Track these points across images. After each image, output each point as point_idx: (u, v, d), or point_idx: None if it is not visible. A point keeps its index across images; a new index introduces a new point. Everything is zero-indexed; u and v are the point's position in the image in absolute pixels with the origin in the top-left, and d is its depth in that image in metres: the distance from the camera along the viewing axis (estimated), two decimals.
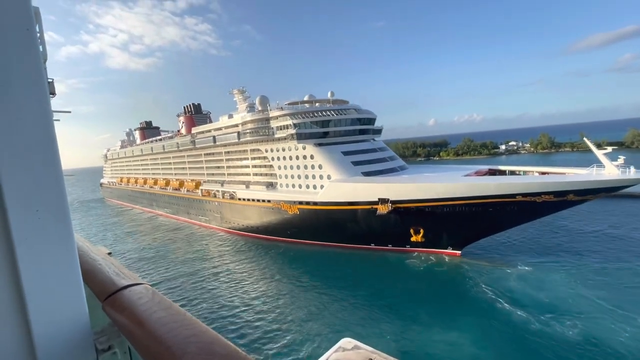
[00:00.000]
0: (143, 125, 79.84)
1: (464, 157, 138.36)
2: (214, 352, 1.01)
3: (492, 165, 34.47)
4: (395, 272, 27.79)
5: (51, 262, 1.36)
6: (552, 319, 19.40)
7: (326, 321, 20.82)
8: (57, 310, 1.38)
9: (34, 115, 1.26)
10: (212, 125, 49.18)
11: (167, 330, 1.15)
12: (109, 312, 1.45)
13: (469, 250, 30.25)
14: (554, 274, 24.93)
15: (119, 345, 1.51)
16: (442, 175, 31.24)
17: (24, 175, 1.27)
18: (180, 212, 54.59)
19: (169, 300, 1.39)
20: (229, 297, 24.87)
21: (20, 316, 1.31)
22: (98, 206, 79.62)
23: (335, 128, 35.26)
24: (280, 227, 37.15)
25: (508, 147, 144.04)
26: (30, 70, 1.23)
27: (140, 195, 69.10)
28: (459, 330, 18.96)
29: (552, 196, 24.21)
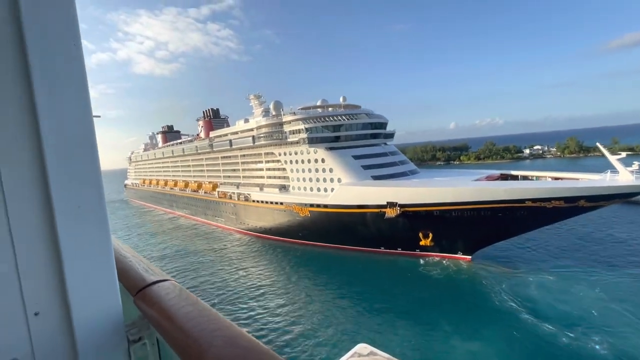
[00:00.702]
0: (165, 129, 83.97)
1: (485, 162, 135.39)
2: (238, 345, 1.07)
3: (506, 171, 34.32)
4: (409, 277, 28.00)
5: (90, 256, 1.45)
6: (579, 332, 18.41)
7: (341, 325, 20.87)
8: (94, 303, 1.47)
9: (79, 120, 1.37)
10: (228, 130, 51.46)
11: (194, 324, 1.22)
12: (140, 306, 1.54)
13: (482, 256, 30.22)
14: (577, 283, 23.99)
15: (149, 336, 1.60)
16: (452, 179, 31.52)
17: (68, 173, 1.37)
18: (198, 213, 57.13)
19: (195, 296, 1.48)
20: (244, 299, 25.88)
21: (63, 306, 1.40)
22: (123, 207, 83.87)
23: (346, 132, 36.30)
24: (292, 229, 38.43)
25: (532, 152, 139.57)
26: (76, 79, 1.35)
27: (161, 196, 72.67)
28: (481, 340, 18.42)
29: (562, 202, 24.12)
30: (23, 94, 1.27)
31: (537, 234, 33.49)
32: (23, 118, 1.27)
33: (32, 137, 1.30)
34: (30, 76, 1.26)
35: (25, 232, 1.32)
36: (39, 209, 1.33)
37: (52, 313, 1.39)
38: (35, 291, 1.35)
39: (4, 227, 1.27)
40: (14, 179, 1.28)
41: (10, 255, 1.29)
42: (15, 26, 1.24)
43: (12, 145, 1.27)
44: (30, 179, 1.30)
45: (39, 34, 1.27)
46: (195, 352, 1.10)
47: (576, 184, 24.15)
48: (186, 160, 63.21)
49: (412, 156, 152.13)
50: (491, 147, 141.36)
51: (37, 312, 1.36)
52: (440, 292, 24.64)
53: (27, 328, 1.35)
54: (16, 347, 1.32)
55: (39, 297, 1.36)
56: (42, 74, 1.28)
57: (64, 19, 1.31)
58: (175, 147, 67.15)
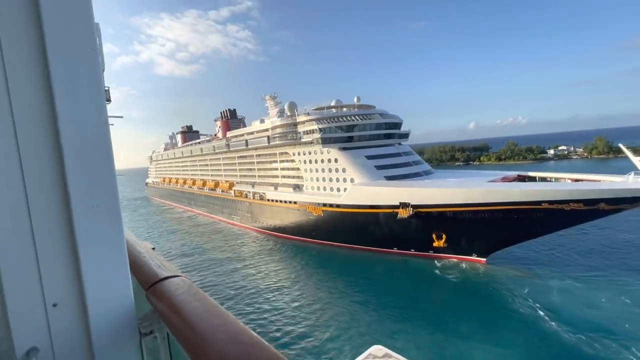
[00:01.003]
0: (184, 129, 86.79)
1: (507, 162, 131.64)
2: (240, 341, 1.10)
3: (524, 172, 33.62)
4: (424, 278, 27.87)
5: (105, 252, 1.53)
6: (607, 344, 17.42)
7: (355, 326, 20.70)
8: (108, 296, 1.54)
9: (94, 122, 1.45)
10: (245, 130, 52.76)
11: (199, 319, 1.26)
12: (151, 300, 1.59)
13: (498, 258, 29.74)
14: (603, 289, 22.92)
15: (159, 330, 1.66)
16: (466, 180, 31.23)
17: (85, 174, 1.45)
18: (215, 211, 58.84)
19: (203, 292, 1.53)
20: (257, 297, 26.31)
21: (79, 299, 1.48)
22: (144, 205, 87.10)
23: (359, 132, 36.58)
24: (305, 227, 39.07)
25: (557, 152, 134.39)
26: (93, 83, 1.43)
27: (180, 194, 75.21)
28: (501, 346, 17.79)
29: (581, 204, 23.50)
30: (45, 100, 1.36)
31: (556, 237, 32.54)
32: (45, 123, 1.37)
33: (53, 141, 1.38)
34: (51, 83, 1.35)
35: (45, 229, 1.41)
36: (58, 207, 1.42)
37: (70, 304, 1.47)
38: (53, 284, 1.43)
39: (26, 224, 1.36)
40: (36, 180, 1.37)
41: (32, 250, 1.38)
42: (38, 35, 1.32)
43: (35, 148, 1.36)
44: (51, 180, 1.40)
45: (60, 42, 1.35)
46: (199, 345, 1.14)
47: (596, 186, 23.47)
48: (204, 159, 65.20)
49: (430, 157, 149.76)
50: (513, 148, 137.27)
51: (55, 303, 1.44)
52: (457, 295, 24.27)
53: (46, 318, 1.43)
54: (36, 335, 1.41)
55: (57, 290, 1.44)
56: (62, 80, 1.37)
57: (82, 27, 1.40)
58: (193, 147, 69.39)
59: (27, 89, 1.32)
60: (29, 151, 1.34)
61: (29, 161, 1.35)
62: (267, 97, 49.72)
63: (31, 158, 1.35)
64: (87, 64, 1.42)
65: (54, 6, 1.32)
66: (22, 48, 1.30)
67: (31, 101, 1.34)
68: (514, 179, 31.74)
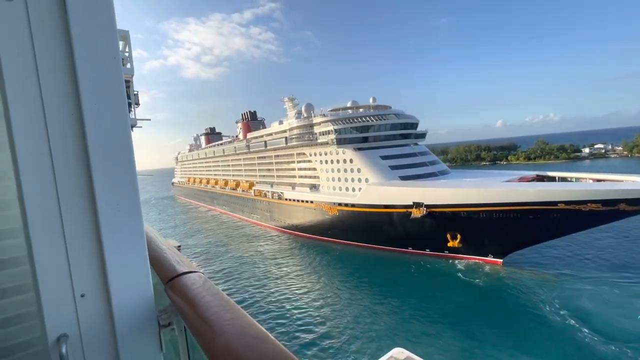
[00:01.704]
0: (208, 131, 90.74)
1: (537, 162, 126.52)
2: (246, 334, 1.18)
3: (543, 172, 33.04)
4: (441, 279, 27.91)
5: (127, 247, 1.66)
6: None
7: (375, 328, 20.77)
8: (130, 288, 1.67)
9: (117, 127, 1.59)
10: (264, 131, 54.78)
11: (211, 312, 1.36)
12: (169, 294, 1.70)
13: (515, 260, 29.48)
14: (634, 295, 22.08)
15: (177, 323, 1.76)
16: (481, 180, 31.22)
17: (109, 175, 1.58)
18: (236, 210, 61.40)
19: (217, 287, 1.62)
20: (276, 295, 26.72)
21: (104, 290, 1.61)
22: (171, 204, 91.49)
23: (374, 133, 37.30)
24: (321, 226, 40.27)
25: (593, 151, 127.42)
26: (115, 89, 1.57)
27: (203, 193, 78.84)
28: (529, 354, 17.27)
29: (600, 205, 23.10)
30: (73, 106, 1.49)
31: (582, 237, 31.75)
32: (74, 128, 1.49)
33: (80, 145, 1.51)
34: (79, 92, 1.47)
35: (74, 226, 1.53)
36: (85, 206, 1.55)
37: (96, 296, 1.58)
38: (81, 276, 1.55)
39: (57, 222, 1.49)
40: (66, 181, 1.50)
41: (62, 245, 1.50)
42: (67, 46, 1.44)
43: (65, 153, 1.49)
44: (79, 181, 1.53)
45: (86, 52, 1.47)
46: (209, 337, 1.22)
47: (614, 186, 23.01)
48: (226, 160, 68.10)
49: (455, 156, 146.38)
50: (543, 146, 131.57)
51: (83, 294, 1.55)
52: (477, 297, 24.00)
53: (75, 307, 1.54)
54: (66, 323, 1.52)
55: (84, 282, 1.56)
56: (89, 89, 1.49)
57: (106, 37, 1.52)
58: (216, 148, 72.61)
59: (57, 97, 1.46)
60: (59, 155, 1.47)
61: (60, 164, 1.48)
62: (285, 99, 51.40)
63: (61, 161, 1.48)
64: (110, 72, 1.55)
65: (80, 17, 1.46)
66: (53, 57, 1.45)
67: (61, 108, 1.48)
68: (532, 179, 31.32)
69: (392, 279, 28.66)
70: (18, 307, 1.82)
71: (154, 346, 1.74)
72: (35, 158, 1.44)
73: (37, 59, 1.40)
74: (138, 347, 1.69)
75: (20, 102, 1.40)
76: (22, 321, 1.83)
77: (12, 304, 1.81)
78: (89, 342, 1.57)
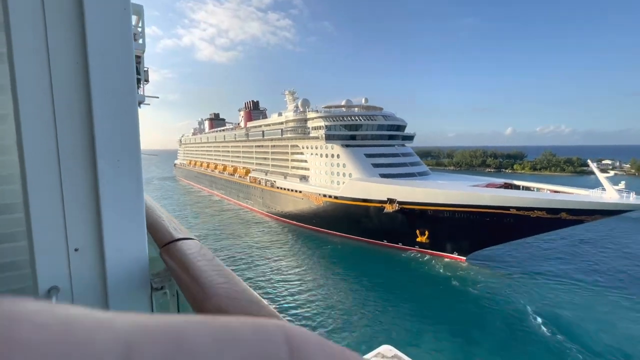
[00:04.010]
0: (212, 116, 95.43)
1: (542, 173, 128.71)
2: (240, 298, 1.20)
3: (510, 180, 36.62)
4: (413, 272, 30.93)
5: (124, 207, 1.69)
6: None
7: (339, 306, 23.31)
8: (125, 248, 1.71)
9: (123, 85, 1.63)
10: (262, 122, 58.96)
11: (205, 276, 1.37)
12: (164, 258, 1.74)
13: (479, 258, 32.88)
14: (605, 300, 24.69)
15: (169, 287, 1.83)
16: (451, 183, 34.95)
17: (113, 131, 1.61)
18: (232, 195, 65.99)
19: (212, 254, 1.65)
20: (258, 270, 30.76)
21: (98, 246, 1.64)
22: (171, 186, 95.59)
23: (362, 132, 41.15)
24: (307, 215, 44.43)
25: (600, 166, 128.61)
26: (124, 62, 1.61)
27: (203, 177, 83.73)
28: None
29: (544, 212, 26.77)
30: (80, 61, 1.54)
31: (543, 243, 35.47)
32: (79, 86, 1.55)
33: (85, 100, 1.56)
34: (87, 56, 1.52)
35: (71, 179, 1.57)
36: (85, 159, 1.58)
37: (89, 251, 1.63)
38: (76, 230, 1.60)
39: (55, 173, 1.53)
40: (67, 132, 1.54)
41: (59, 197, 1.55)
42: (79, 13, 1.49)
43: (68, 105, 1.53)
44: (80, 135, 1.56)
45: (98, 19, 1.53)
46: (200, 299, 1.26)
47: (555, 196, 26.64)
48: (226, 146, 72.60)
49: (460, 160, 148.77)
50: (550, 158, 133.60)
51: (77, 248, 1.60)
52: (439, 290, 27.10)
53: (68, 261, 1.58)
54: (58, 276, 1.57)
55: (79, 236, 1.60)
56: (97, 52, 1.54)
57: (118, 7, 1.57)
58: (218, 134, 77.24)
59: (64, 54, 1.50)
60: (62, 106, 1.50)
61: (61, 115, 1.51)
62: (286, 92, 55.36)
63: (64, 112, 1.51)
64: (121, 43, 1.59)
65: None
66: (63, 23, 1.49)
67: (67, 65, 1.51)
68: (499, 186, 34.94)
69: (366, 266, 32.40)
70: (10, 254, 1.81)
71: (145, 308, 1.79)
72: (37, 105, 1.47)
73: (47, 21, 1.45)
74: (129, 307, 1.73)
75: (26, 50, 1.43)
76: (13, 269, 1.83)
77: (4, 251, 1.80)
78: (80, 297, 1.60)
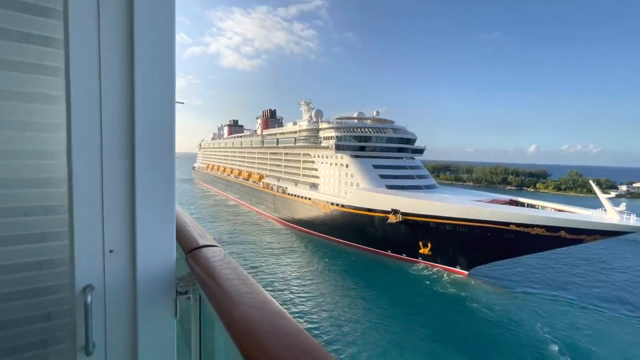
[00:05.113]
0: (231, 122, 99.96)
1: (567, 193, 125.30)
2: (264, 308, 1.25)
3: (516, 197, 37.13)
4: (416, 284, 31.66)
5: (157, 213, 1.81)
6: None
7: (342, 316, 23.98)
8: (155, 252, 1.82)
9: (164, 101, 1.76)
10: (278, 130, 61.86)
11: (230, 284, 1.45)
12: (190, 263, 1.83)
13: (481, 274, 33.65)
14: (616, 325, 25.00)
15: (193, 291, 1.92)
16: (454, 197, 35.96)
17: (151, 143, 1.75)
18: (245, 199, 68.88)
19: (236, 262, 1.75)
20: (267, 272, 32.28)
21: (131, 249, 1.77)
22: (189, 189, 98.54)
23: (371, 143, 42.92)
24: (315, 222, 46.27)
25: (631, 189, 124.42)
26: (166, 65, 1.76)
27: (219, 180, 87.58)
28: None
29: (544, 230, 27.44)
30: (127, 78, 1.68)
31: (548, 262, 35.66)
32: (125, 94, 1.69)
33: (128, 110, 1.70)
34: (133, 60, 1.66)
35: (112, 185, 1.71)
36: (125, 167, 1.72)
37: (123, 253, 1.76)
38: (112, 232, 1.72)
39: (98, 178, 1.67)
40: (111, 140, 1.68)
41: (100, 201, 1.69)
42: (129, 49, 1.66)
43: (113, 113, 1.68)
44: (122, 143, 1.71)
45: (145, 30, 1.66)
46: (227, 307, 1.31)
47: (555, 214, 27.28)
48: (242, 152, 76.05)
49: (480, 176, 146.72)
50: (576, 178, 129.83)
51: (112, 249, 1.73)
52: (442, 304, 27.68)
53: (103, 261, 1.71)
54: (93, 275, 1.69)
55: (115, 238, 1.73)
56: (143, 57, 1.68)
57: (165, 18, 1.72)
58: (235, 139, 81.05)
59: (114, 61, 1.64)
60: (108, 115, 1.66)
61: (107, 123, 1.66)
62: (301, 102, 58.12)
63: (109, 121, 1.67)
64: (165, 48, 1.75)
65: (145, 12, 1.66)
66: (116, 27, 1.63)
67: (115, 72, 1.65)
68: (504, 203, 35.61)
69: (370, 275, 33.52)
70: (52, 252, 1.93)
71: (169, 311, 1.88)
72: (87, 116, 1.61)
73: (101, 40, 1.60)
74: (155, 308, 1.83)
75: (81, 64, 1.58)
76: (54, 266, 1.95)
77: (48, 249, 1.93)
78: (112, 296, 1.73)
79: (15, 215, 1.93)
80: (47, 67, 1.88)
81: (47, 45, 1.85)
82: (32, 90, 1.91)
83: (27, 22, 1.81)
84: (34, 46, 1.84)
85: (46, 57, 1.86)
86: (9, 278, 1.92)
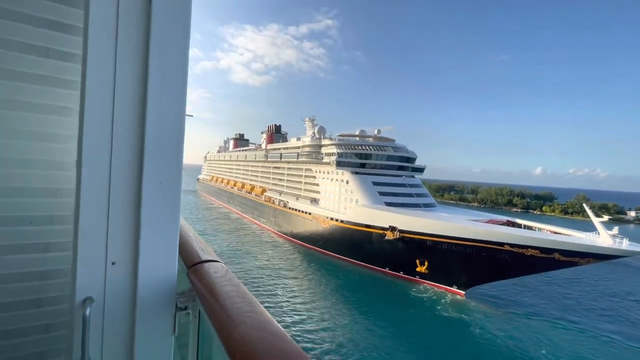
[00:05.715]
0: (237, 136, 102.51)
1: (574, 217, 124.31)
2: (265, 329, 1.22)
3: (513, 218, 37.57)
4: (428, 310, 31.14)
5: (161, 227, 1.80)
6: None
7: (338, 332, 24.33)
8: (157, 266, 1.80)
9: (174, 118, 1.78)
10: (281, 145, 63.52)
11: (231, 302, 1.42)
12: (191, 279, 1.81)
13: (478, 294, 33.80)
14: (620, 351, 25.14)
15: (193, 307, 1.88)
16: (451, 216, 36.54)
17: (160, 160, 1.76)
18: (247, 211, 69.90)
19: (237, 279, 1.70)
20: (265, 286, 32.93)
21: (134, 262, 1.76)
22: (193, 201, 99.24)
23: (371, 161, 44.03)
24: (314, 237, 46.90)
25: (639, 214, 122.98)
26: (178, 79, 1.77)
27: (222, 192, 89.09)
28: None
29: (538, 251, 27.86)
30: (140, 93, 1.69)
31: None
32: (135, 110, 1.70)
33: (139, 125, 1.72)
34: (147, 75, 1.69)
35: (118, 198, 1.71)
36: (132, 181, 1.73)
37: (125, 266, 1.74)
38: (116, 245, 1.72)
39: (105, 190, 1.67)
40: (120, 153, 1.70)
41: (105, 213, 1.68)
42: (144, 65, 1.68)
43: (124, 128, 1.70)
44: (131, 159, 1.72)
45: (161, 47, 1.70)
46: (227, 326, 1.28)
47: (549, 236, 27.73)
48: (247, 165, 77.72)
49: (485, 197, 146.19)
50: (584, 202, 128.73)
51: (114, 261, 1.72)
52: (439, 325, 27.85)
53: (105, 273, 1.70)
54: (94, 287, 1.67)
55: (118, 250, 1.72)
56: (157, 74, 1.71)
57: (180, 31, 1.73)
58: (240, 153, 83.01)
59: (128, 74, 1.67)
60: (119, 130, 1.68)
61: (118, 136, 1.68)
62: (306, 119, 59.87)
63: (120, 134, 1.68)
64: (178, 61, 1.76)
65: (161, 21, 1.68)
66: (133, 35, 1.65)
67: (128, 86, 1.67)
68: (502, 223, 36.06)
69: (368, 292, 33.71)
70: (55, 262, 1.92)
71: (168, 326, 1.85)
72: (99, 129, 1.62)
73: (117, 56, 1.63)
74: (154, 324, 1.80)
75: (96, 79, 1.60)
76: (56, 277, 1.95)
77: (51, 259, 1.92)
78: (111, 309, 1.70)
79: (21, 224, 1.95)
80: (65, 81, 1.96)
81: (65, 59, 1.94)
82: (50, 102, 1.97)
83: (46, 37, 1.89)
84: (53, 60, 1.92)
85: (64, 71, 1.95)
86: (11, 287, 1.94)
